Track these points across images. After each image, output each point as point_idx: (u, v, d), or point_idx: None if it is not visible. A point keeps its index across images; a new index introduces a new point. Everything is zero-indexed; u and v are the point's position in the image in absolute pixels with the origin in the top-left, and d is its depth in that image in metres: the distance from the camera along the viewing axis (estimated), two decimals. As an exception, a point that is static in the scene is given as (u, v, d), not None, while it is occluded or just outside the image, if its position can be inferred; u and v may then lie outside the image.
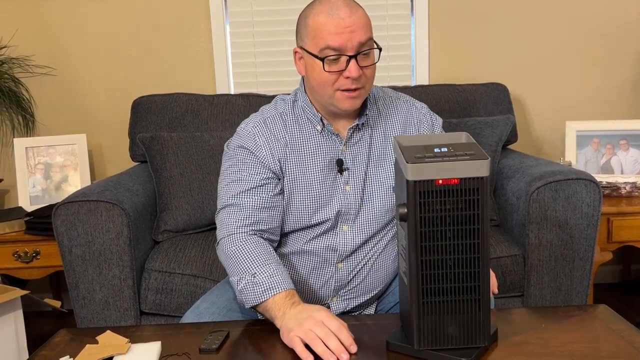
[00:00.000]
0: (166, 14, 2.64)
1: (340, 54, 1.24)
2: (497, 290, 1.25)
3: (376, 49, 1.29)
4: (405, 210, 1.00)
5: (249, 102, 2.39)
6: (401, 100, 1.44)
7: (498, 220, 2.13)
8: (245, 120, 1.41)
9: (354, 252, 1.37)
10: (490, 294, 1.07)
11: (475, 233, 1.00)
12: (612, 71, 2.70)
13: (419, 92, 2.38)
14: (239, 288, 1.22)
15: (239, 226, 1.30)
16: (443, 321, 1.03)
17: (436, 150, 1.02)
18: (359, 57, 1.25)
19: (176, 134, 2.22)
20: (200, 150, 2.19)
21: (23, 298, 1.82)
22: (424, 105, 1.46)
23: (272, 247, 1.32)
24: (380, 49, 1.30)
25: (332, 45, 1.24)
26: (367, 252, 1.38)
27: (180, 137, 2.21)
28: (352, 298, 1.40)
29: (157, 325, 1.26)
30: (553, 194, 1.82)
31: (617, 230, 2.15)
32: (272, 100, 1.44)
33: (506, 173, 2.11)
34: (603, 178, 2.32)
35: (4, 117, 2.65)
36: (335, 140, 1.36)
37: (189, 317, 1.32)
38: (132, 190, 1.97)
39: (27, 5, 2.61)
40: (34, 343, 1.86)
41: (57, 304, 2.02)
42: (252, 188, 1.32)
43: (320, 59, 1.25)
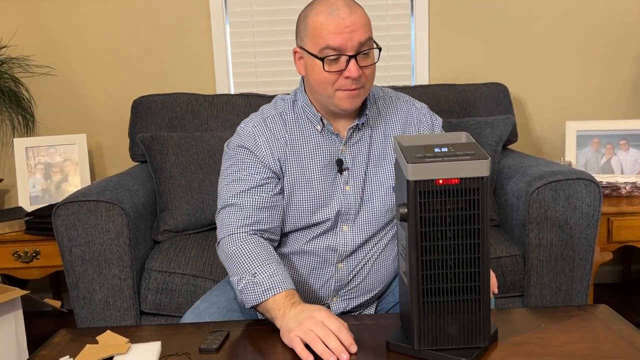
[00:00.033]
0: (166, 14, 2.64)
1: (340, 53, 1.24)
2: (497, 290, 1.25)
3: (376, 48, 1.29)
4: (406, 210, 1.00)
5: (249, 102, 2.39)
6: (401, 100, 1.44)
7: (498, 220, 2.13)
8: (245, 119, 1.40)
9: (353, 252, 1.37)
10: (490, 294, 1.06)
11: (475, 233, 1.00)
12: (612, 71, 2.70)
13: (419, 92, 2.38)
14: (240, 288, 1.22)
15: (240, 226, 1.30)
16: (443, 321, 1.03)
17: (436, 150, 1.02)
18: (359, 57, 1.25)
19: (176, 134, 2.22)
20: (200, 150, 2.18)
21: (23, 298, 1.82)
22: (424, 105, 1.46)
23: (273, 246, 1.32)
24: (380, 49, 1.30)
25: (332, 45, 1.24)
26: (367, 252, 1.38)
27: (180, 137, 2.21)
28: (352, 298, 1.40)
29: (157, 325, 1.26)
30: (553, 194, 1.82)
31: (617, 230, 2.15)
32: (272, 100, 1.44)
33: (506, 173, 2.11)
34: (603, 178, 2.32)
35: (4, 117, 2.65)
36: (335, 140, 1.36)
37: (189, 317, 1.32)
38: (132, 190, 1.97)
39: (27, 5, 2.61)
40: (34, 343, 1.86)
41: (57, 304, 2.01)
42: (252, 188, 1.32)
43: (320, 59, 1.25)
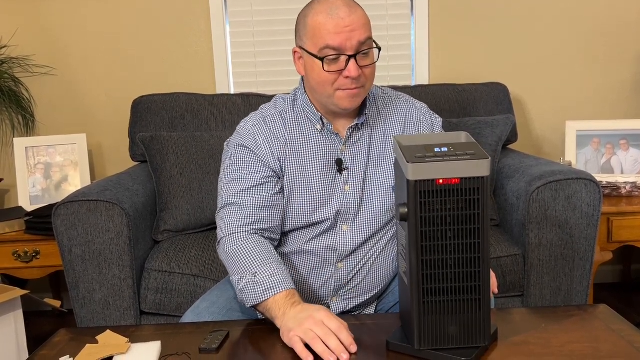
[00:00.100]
0: (166, 14, 2.64)
1: (339, 53, 1.24)
2: (497, 290, 1.25)
3: (376, 48, 1.29)
4: (406, 210, 1.00)
5: (249, 102, 2.39)
6: (401, 100, 1.44)
7: (498, 220, 2.13)
8: (245, 119, 1.40)
9: (353, 252, 1.37)
10: (490, 293, 1.06)
11: (475, 233, 1.00)
12: (613, 70, 2.70)
13: (419, 92, 2.38)
14: (240, 287, 1.22)
15: (240, 225, 1.30)
16: (443, 321, 1.03)
17: (436, 150, 1.02)
18: (359, 57, 1.25)
19: (176, 134, 2.22)
20: (200, 150, 2.18)
21: (23, 298, 1.82)
22: (424, 105, 1.46)
23: (273, 246, 1.32)
24: (379, 49, 1.30)
25: (332, 45, 1.24)
26: (367, 252, 1.38)
27: (180, 137, 2.21)
28: (352, 298, 1.40)
29: (157, 325, 1.26)
30: (553, 193, 1.82)
31: (617, 230, 2.15)
32: (272, 99, 1.44)
33: (506, 173, 2.11)
34: (603, 178, 2.32)
35: (4, 117, 2.65)
36: (334, 140, 1.36)
37: (189, 317, 1.32)
38: (132, 190, 1.97)
39: (27, 5, 2.61)
40: (34, 343, 1.86)
41: (57, 303, 2.01)
42: (253, 187, 1.32)
43: (320, 59, 1.25)
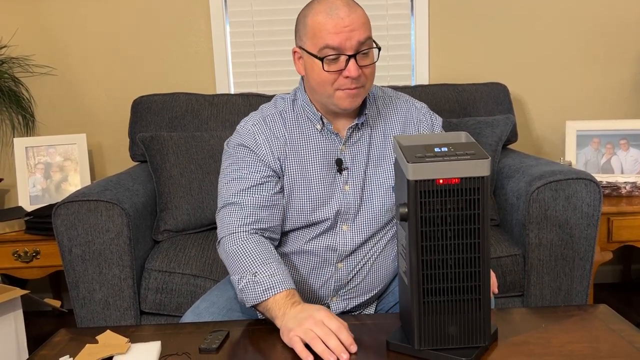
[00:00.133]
0: (166, 14, 2.64)
1: (339, 53, 1.24)
2: (497, 290, 1.25)
3: (375, 48, 1.29)
4: (406, 209, 1.00)
5: (249, 102, 2.39)
6: (401, 99, 1.44)
7: (498, 220, 2.13)
8: (245, 118, 1.40)
9: (353, 252, 1.37)
10: (490, 293, 1.06)
11: (475, 233, 1.00)
12: (613, 70, 2.70)
13: (419, 92, 2.38)
14: (240, 287, 1.22)
15: (240, 225, 1.30)
16: (443, 321, 1.03)
17: (436, 149, 1.02)
18: (358, 57, 1.25)
19: (176, 134, 2.22)
20: (200, 150, 2.18)
21: (23, 298, 1.82)
22: (424, 105, 1.46)
23: (273, 245, 1.32)
24: (379, 48, 1.30)
25: (331, 45, 1.24)
26: (367, 252, 1.38)
27: (180, 137, 2.20)
28: (352, 298, 1.40)
29: (157, 325, 1.26)
30: (553, 193, 1.82)
31: (617, 230, 2.15)
32: (271, 99, 1.44)
33: (506, 173, 2.11)
34: (603, 178, 2.32)
35: (4, 116, 2.65)
36: (334, 140, 1.36)
37: (188, 317, 1.32)
38: (132, 190, 1.97)
39: (27, 5, 2.61)
40: (34, 343, 1.86)
41: (57, 303, 2.01)
42: (253, 186, 1.32)
43: (320, 59, 1.25)
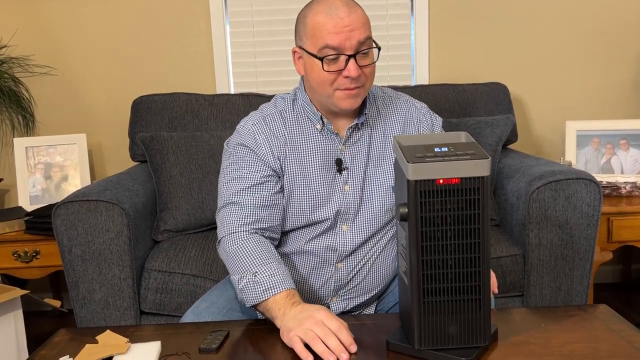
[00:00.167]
0: (166, 14, 2.64)
1: (339, 53, 1.24)
2: (497, 290, 1.25)
3: (375, 48, 1.29)
4: (406, 210, 1.00)
5: (249, 102, 2.39)
6: (401, 99, 1.44)
7: (498, 220, 2.13)
8: (245, 118, 1.40)
9: (353, 252, 1.37)
10: (490, 293, 1.06)
11: (475, 233, 1.00)
12: (613, 70, 2.70)
13: (419, 92, 2.38)
14: (240, 287, 1.22)
15: (240, 224, 1.30)
16: (443, 321, 1.03)
17: (436, 149, 1.02)
18: (358, 57, 1.25)
19: (176, 134, 2.22)
20: (200, 150, 2.18)
21: (23, 298, 1.82)
22: (424, 105, 1.46)
23: (273, 245, 1.32)
24: (379, 48, 1.30)
25: (331, 45, 1.24)
26: (367, 252, 1.38)
27: (180, 137, 2.20)
28: (352, 298, 1.40)
29: (157, 325, 1.25)
30: (553, 193, 1.82)
31: (617, 230, 2.15)
32: (271, 99, 1.44)
33: (506, 173, 2.11)
34: (603, 178, 2.32)
35: (4, 116, 2.65)
36: (334, 140, 1.36)
37: (188, 317, 1.32)
38: (132, 190, 1.97)
39: (27, 5, 2.61)
40: (34, 343, 1.87)
41: (57, 303, 2.02)
42: (253, 186, 1.32)
43: (319, 59, 1.25)
